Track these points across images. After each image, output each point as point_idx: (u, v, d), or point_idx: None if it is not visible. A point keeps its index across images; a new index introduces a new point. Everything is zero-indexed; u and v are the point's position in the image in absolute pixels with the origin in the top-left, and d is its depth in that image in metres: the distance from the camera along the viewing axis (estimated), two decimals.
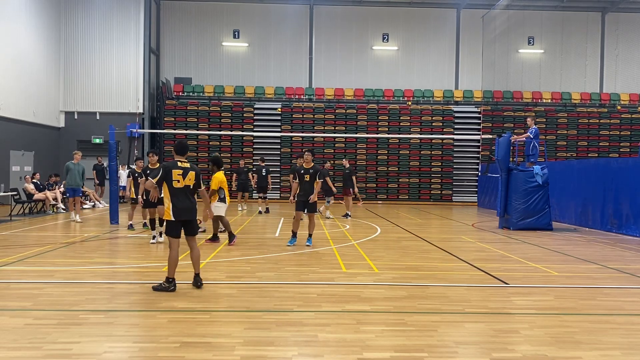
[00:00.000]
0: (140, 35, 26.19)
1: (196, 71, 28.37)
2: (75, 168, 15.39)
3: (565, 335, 5.33)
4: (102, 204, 21.35)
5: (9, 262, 8.81)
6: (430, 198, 26.96)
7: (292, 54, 28.63)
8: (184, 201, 7.03)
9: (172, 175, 6.97)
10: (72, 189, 15.37)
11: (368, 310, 6.13)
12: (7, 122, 21.35)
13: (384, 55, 28.95)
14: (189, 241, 7.21)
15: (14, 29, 21.78)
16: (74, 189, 15.37)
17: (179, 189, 7.00)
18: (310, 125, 26.83)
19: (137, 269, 8.42)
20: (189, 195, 7.14)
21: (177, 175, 7.00)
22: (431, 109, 27.44)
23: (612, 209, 14.53)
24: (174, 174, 6.99)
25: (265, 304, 6.35)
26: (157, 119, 27.59)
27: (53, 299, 6.43)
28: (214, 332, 5.23)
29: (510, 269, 8.85)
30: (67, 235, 12.50)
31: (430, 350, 4.81)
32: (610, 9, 29.07)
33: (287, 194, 24.83)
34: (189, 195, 7.13)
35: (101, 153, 24.18)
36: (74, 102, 26.28)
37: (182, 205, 7.00)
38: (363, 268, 8.67)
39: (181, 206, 6.98)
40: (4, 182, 20.02)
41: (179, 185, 6.99)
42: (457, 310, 6.22)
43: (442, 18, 28.89)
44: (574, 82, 29.14)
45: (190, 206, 7.08)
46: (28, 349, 4.69)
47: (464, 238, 13.12)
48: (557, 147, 27.36)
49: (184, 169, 7.07)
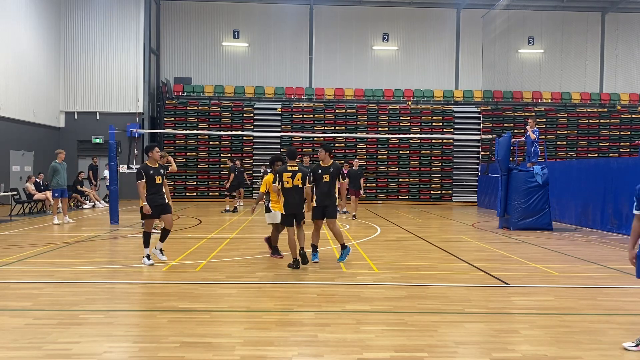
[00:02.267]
0: (140, 35, 26.19)
1: (196, 71, 28.37)
2: (62, 168, 15.06)
3: (565, 335, 5.33)
4: (102, 204, 21.36)
5: (9, 262, 8.81)
6: (430, 198, 26.95)
7: (292, 54, 28.62)
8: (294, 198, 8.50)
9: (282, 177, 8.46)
10: (62, 189, 15.08)
11: (368, 310, 6.13)
12: (7, 122, 21.35)
13: (384, 55, 28.95)
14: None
15: (14, 29, 21.77)
16: (63, 189, 15.15)
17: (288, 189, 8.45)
18: (310, 125, 26.83)
19: (137, 269, 8.41)
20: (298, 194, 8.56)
21: (287, 177, 8.46)
22: (431, 109, 27.44)
23: (612, 209, 14.53)
24: (284, 176, 8.46)
25: (265, 304, 6.36)
26: (157, 119, 27.58)
27: (53, 299, 6.43)
28: (214, 332, 5.23)
29: (510, 269, 8.85)
30: (67, 235, 12.50)
31: (430, 350, 4.81)
32: (610, 9, 29.07)
33: None
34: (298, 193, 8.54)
35: (101, 153, 24.20)
36: (74, 102, 26.28)
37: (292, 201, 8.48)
38: (363, 268, 8.67)
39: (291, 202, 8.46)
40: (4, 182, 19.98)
41: (288, 186, 8.44)
42: (457, 310, 6.22)
43: (442, 18, 28.88)
44: (574, 82, 29.13)
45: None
46: (28, 349, 4.69)
47: (464, 238, 13.12)
48: (557, 147, 27.35)
49: (293, 172, 8.49)
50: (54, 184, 14.97)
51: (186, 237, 12.13)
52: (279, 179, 8.48)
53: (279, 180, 8.48)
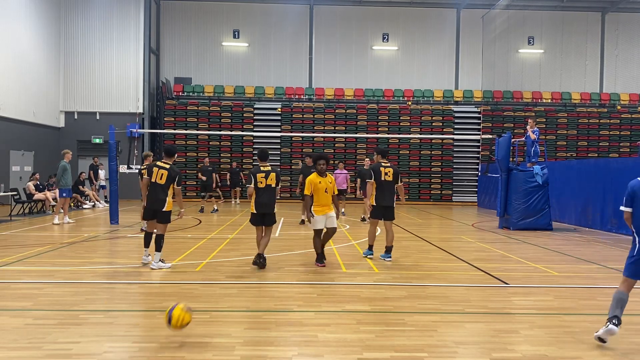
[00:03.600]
0: (140, 35, 26.19)
1: (196, 71, 28.36)
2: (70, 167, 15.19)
3: (565, 335, 5.33)
4: (102, 204, 21.36)
5: (9, 262, 8.81)
6: (430, 198, 26.95)
7: (292, 54, 28.62)
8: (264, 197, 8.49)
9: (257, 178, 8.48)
10: (68, 189, 15.19)
11: (368, 310, 6.13)
12: (7, 122, 21.35)
13: (384, 55, 28.95)
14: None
15: (14, 29, 21.77)
16: (69, 189, 15.24)
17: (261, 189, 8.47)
18: (310, 125, 26.83)
19: (137, 269, 8.41)
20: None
21: (261, 177, 8.48)
22: (431, 109, 27.43)
23: (612, 209, 14.52)
24: (258, 176, 8.48)
25: (265, 304, 6.36)
26: (157, 119, 27.58)
27: (53, 299, 6.43)
28: (214, 332, 5.23)
29: (510, 269, 8.85)
30: (67, 235, 12.50)
31: (430, 350, 4.81)
32: (610, 9, 29.06)
33: (285, 194, 24.85)
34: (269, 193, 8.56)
35: (101, 153, 24.19)
36: (74, 102, 26.27)
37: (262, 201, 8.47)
38: (363, 268, 8.67)
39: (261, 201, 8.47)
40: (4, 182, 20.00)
41: (261, 186, 8.46)
42: (457, 310, 6.22)
43: (442, 18, 28.88)
44: (574, 82, 29.13)
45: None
46: (28, 349, 4.69)
47: (464, 238, 13.12)
48: (557, 147, 27.35)
49: (267, 172, 8.53)
50: (62, 183, 14.95)
51: (186, 237, 12.14)
52: (253, 180, 8.46)
53: (253, 180, 8.46)
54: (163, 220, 8.45)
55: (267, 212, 8.51)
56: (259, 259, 8.42)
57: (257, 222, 8.58)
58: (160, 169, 8.42)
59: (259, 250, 8.48)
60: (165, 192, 8.39)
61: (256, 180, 8.45)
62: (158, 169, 8.43)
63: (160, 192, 8.37)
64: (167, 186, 8.39)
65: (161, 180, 8.37)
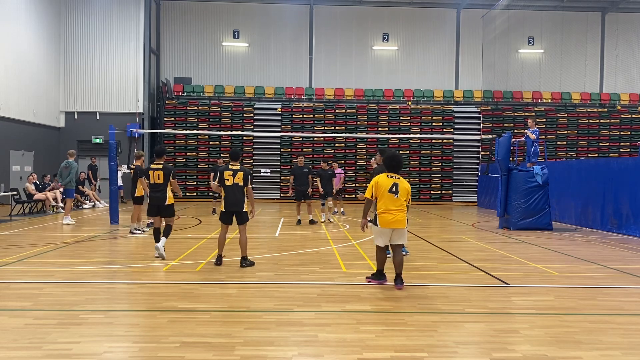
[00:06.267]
0: (140, 35, 26.19)
1: (196, 71, 28.37)
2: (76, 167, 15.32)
3: (565, 335, 5.33)
4: (102, 203, 21.34)
5: (9, 262, 8.80)
6: (430, 198, 26.95)
7: (292, 54, 28.62)
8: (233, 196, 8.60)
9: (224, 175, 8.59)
10: (73, 189, 15.29)
11: (368, 310, 6.13)
12: (7, 122, 21.35)
13: (384, 55, 28.95)
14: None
15: (14, 29, 21.77)
16: (73, 189, 15.30)
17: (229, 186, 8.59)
18: (310, 125, 26.83)
19: (137, 269, 8.41)
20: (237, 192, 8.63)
21: (228, 175, 8.57)
22: (431, 109, 27.44)
23: (612, 209, 14.53)
24: (225, 174, 8.57)
25: (265, 304, 6.35)
26: (157, 119, 27.58)
27: (53, 299, 6.43)
28: (214, 332, 5.23)
29: (510, 269, 8.85)
30: (67, 235, 12.50)
31: (430, 350, 4.81)
32: (610, 9, 29.07)
33: (286, 194, 24.82)
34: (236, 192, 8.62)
35: (101, 153, 24.19)
36: (74, 102, 26.28)
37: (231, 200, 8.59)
38: (363, 268, 8.67)
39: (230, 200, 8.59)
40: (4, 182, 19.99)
41: (229, 184, 8.57)
42: (457, 310, 6.22)
43: (442, 18, 28.89)
44: (574, 82, 29.13)
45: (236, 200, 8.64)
46: (28, 349, 4.69)
47: (464, 238, 13.12)
48: (557, 147, 27.35)
49: (234, 170, 8.60)
50: (71, 184, 15.05)
51: (186, 237, 12.13)
52: (219, 177, 8.63)
53: (219, 178, 8.63)
54: (167, 214, 9.35)
55: (235, 210, 8.65)
56: (218, 261, 8.65)
57: (226, 220, 8.72)
58: (156, 170, 9.29)
59: (219, 251, 8.71)
60: (165, 188, 9.29)
61: (223, 177, 8.60)
62: (153, 171, 9.30)
63: (161, 189, 9.28)
64: (166, 183, 9.29)
65: (159, 180, 9.26)
